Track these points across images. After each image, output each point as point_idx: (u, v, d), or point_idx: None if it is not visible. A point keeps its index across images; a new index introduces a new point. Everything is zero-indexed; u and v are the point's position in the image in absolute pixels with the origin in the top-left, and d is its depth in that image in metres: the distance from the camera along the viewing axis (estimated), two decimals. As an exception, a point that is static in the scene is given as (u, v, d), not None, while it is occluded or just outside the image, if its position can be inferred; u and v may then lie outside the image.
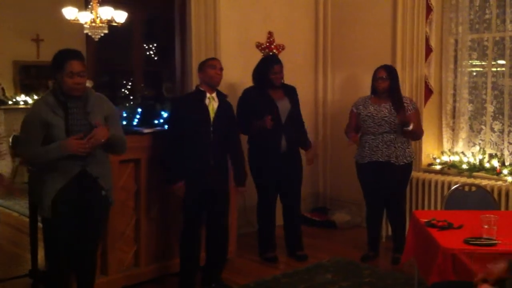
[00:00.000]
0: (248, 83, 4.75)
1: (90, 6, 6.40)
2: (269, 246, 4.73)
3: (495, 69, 4.97)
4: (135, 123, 4.20)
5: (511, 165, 4.77)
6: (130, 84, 9.76)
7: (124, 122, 4.09)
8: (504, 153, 4.87)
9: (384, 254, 4.78)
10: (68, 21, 6.40)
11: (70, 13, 6.31)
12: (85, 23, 6.34)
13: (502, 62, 4.90)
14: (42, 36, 8.55)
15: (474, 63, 5.09)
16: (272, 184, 4.65)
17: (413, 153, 4.65)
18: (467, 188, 4.31)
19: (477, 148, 5.04)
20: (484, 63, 5.02)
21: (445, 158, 5.16)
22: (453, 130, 5.21)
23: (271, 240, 4.74)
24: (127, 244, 4.07)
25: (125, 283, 4.02)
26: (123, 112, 4.12)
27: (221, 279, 4.11)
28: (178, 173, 3.90)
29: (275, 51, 5.58)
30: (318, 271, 4.40)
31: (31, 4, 8.28)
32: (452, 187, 4.14)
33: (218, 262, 4.10)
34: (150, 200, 4.13)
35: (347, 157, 5.08)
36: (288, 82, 4.75)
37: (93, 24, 6.30)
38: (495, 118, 4.96)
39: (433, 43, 5.16)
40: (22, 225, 5.47)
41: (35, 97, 8.16)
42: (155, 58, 10.02)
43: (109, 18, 6.34)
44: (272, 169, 4.57)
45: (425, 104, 5.19)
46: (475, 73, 5.11)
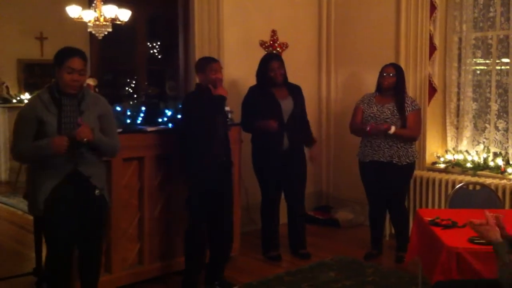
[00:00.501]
0: (251, 82, 4.74)
1: (94, 5, 6.40)
2: (272, 245, 4.73)
3: (499, 68, 4.95)
4: (139, 122, 4.20)
5: (516, 164, 4.76)
6: (134, 83, 9.77)
7: (128, 121, 4.10)
8: (509, 152, 4.85)
9: (388, 253, 4.77)
10: (72, 20, 6.40)
11: (74, 12, 6.31)
12: (89, 22, 6.34)
13: (507, 60, 4.88)
14: (46, 35, 8.57)
15: (478, 61, 5.07)
16: (275, 183, 4.65)
17: (416, 153, 4.64)
18: (471, 187, 4.30)
19: (481, 147, 5.02)
20: (488, 61, 5.00)
21: (449, 157, 5.14)
22: (457, 129, 5.19)
23: (274, 239, 4.74)
24: (131, 242, 4.07)
25: (129, 281, 4.03)
26: (127, 111, 4.12)
27: (224, 278, 4.11)
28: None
29: (279, 50, 5.57)
30: (321, 270, 4.40)
31: (35, 3, 8.30)
32: (456, 186, 4.14)
33: (222, 261, 4.10)
34: (154, 199, 4.14)
35: (350, 156, 5.07)
36: (291, 81, 4.74)
37: (97, 23, 6.30)
38: (500, 117, 4.95)
39: (437, 41, 5.15)
40: (26, 223, 5.49)
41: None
42: (159, 57, 10.02)
43: (113, 17, 6.34)
44: (275, 168, 4.58)
45: (429, 103, 5.18)
46: (479, 72, 5.09)
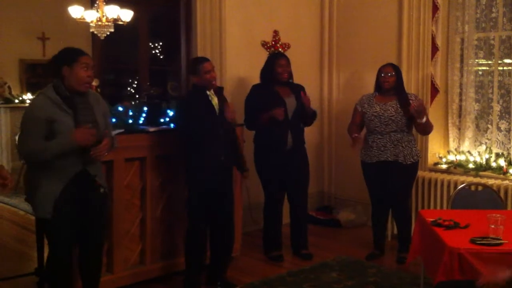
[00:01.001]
0: (253, 82, 4.74)
1: (96, 5, 6.40)
2: (274, 245, 4.73)
3: (502, 68, 4.95)
4: (141, 122, 4.20)
5: (518, 165, 4.76)
6: (136, 83, 9.77)
7: (130, 121, 4.10)
8: (511, 152, 4.85)
9: (390, 253, 4.77)
10: (74, 20, 6.39)
11: (76, 12, 6.31)
12: (91, 22, 6.33)
13: (509, 61, 4.88)
14: (48, 35, 8.56)
15: (481, 62, 5.07)
16: (278, 183, 4.65)
17: (420, 152, 4.64)
18: (474, 188, 4.29)
19: (484, 147, 5.02)
20: (491, 62, 5.00)
21: (451, 157, 5.14)
22: (459, 129, 5.19)
23: (277, 239, 4.74)
24: (133, 242, 4.07)
25: (131, 281, 4.03)
26: (129, 111, 4.12)
27: (226, 278, 4.11)
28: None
29: (281, 50, 5.57)
30: (324, 270, 4.39)
31: (37, 3, 8.29)
32: (459, 187, 4.13)
33: (223, 261, 4.10)
34: (156, 199, 4.14)
35: (352, 156, 5.07)
36: (293, 81, 4.74)
37: (99, 23, 6.29)
38: (502, 117, 4.95)
39: (439, 42, 5.15)
40: (29, 223, 5.49)
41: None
42: (161, 57, 10.03)
43: (115, 17, 6.34)
44: (278, 167, 4.57)
45: (431, 103, 5.17)
46: (482, 72, 5.09)
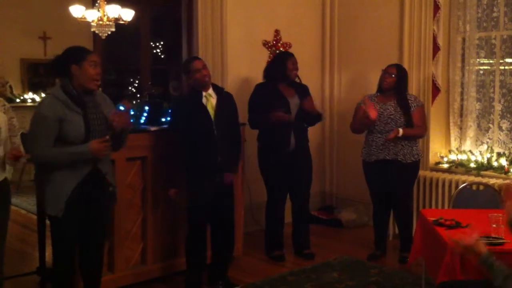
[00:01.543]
0: (254, 81, 4.74)
1: (97, 4, 6.40)
2: (276, 245, 4.73)
3: (503, 68, 4.94)
4: (142, 121, 4.21)
5: (519, 164, 4.75)
6: (137, 82, 9.78)
7: (132, 120, 4.09)
8: (512, 152, 4.85)
9: (391, 253, 4.77)
10: (75, 19, 6.40)
11: (77, 11, 6.32)
12: (92, 21, 6.34)
13: (510, 61, 4.88)
14: (49, 34, 8.56)
15: (482, 61, 5.06)
16: (282, 183, 4.64)
17: (421, 152, 4.64)
18: (475, 187, 4.29)
19: (485, 147, 5.01)
20: (492, 61, 5.00)
21: (453, 157, 5.14)
22: (461, 129, 5.19)
23: (278, 239, 4.74)
24: (134, 242, 4.08)
25: (132, 281, 4.03)
26: (131, 110, 4.12)
27: (228, 277, 4.11)
28: (174, 180, 3.94)
29: (282, 49, 5.57)
30: (325, 270, 4.39)
31: (38, 2, 8.30)
32: (460, 186, 4.13)
33: (224, 260, 4.11)
34: (157, 198, 4.14)
35: (354, 156, 5.07)
36: (301, 81, 4.74)
37: (100, 22, 6.30)
38: (503, 117, 4.94)
39: (441, 41, 5.14)
40: (30, 223, 5.51)
41: (43, 95, 8.17)
42: (162, 56, 10.04)
43: (116, 16, 6.34)
44: (281, 167, 4.56)
45: (433, 103, 5.17)
46: (483, 72, 5.08)
